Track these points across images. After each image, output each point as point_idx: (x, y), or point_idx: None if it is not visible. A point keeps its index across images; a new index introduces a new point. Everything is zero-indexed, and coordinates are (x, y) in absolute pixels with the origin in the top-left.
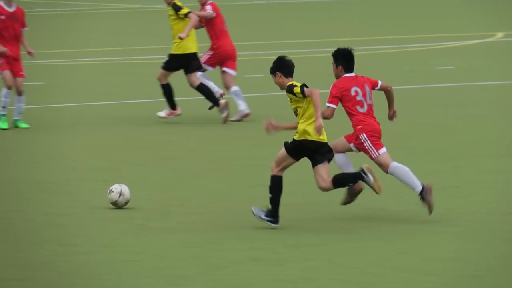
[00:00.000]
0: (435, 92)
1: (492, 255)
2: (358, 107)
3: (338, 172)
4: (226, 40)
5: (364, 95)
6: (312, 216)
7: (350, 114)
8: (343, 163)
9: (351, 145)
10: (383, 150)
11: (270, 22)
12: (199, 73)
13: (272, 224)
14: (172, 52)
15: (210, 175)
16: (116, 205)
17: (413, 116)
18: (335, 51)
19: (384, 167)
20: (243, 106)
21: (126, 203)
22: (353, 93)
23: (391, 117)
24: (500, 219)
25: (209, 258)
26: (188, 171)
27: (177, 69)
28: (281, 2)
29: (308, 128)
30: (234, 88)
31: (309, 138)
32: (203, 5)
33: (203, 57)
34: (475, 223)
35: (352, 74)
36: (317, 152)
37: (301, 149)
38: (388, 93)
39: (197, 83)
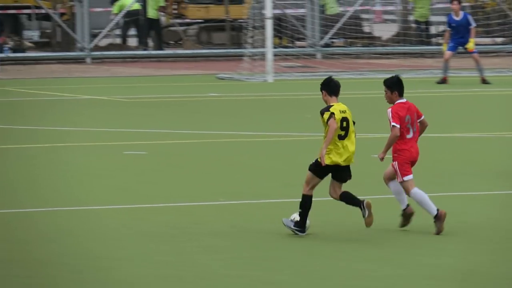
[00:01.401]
0: None
1: None
2: (405, 133)
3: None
4: None
5: (412, 123)
6: None
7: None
8: (396, 190)
9: None
10: (408, 177)
11: None
12: None
13: (299, 233)
14: None
15: None
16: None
17: None
18: (387, 80)
19: (406, 192)
20: None
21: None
22: (406, 120)
23: None
24: None
25: None
26: None
27: None
28: None
29: (332, 156)
30: None
31: (332, 164)
32: None
33: None
34: None
35: (405, 100)
36: (337, 171)
37: (324, 169)
38: (422, 127)
39: None
